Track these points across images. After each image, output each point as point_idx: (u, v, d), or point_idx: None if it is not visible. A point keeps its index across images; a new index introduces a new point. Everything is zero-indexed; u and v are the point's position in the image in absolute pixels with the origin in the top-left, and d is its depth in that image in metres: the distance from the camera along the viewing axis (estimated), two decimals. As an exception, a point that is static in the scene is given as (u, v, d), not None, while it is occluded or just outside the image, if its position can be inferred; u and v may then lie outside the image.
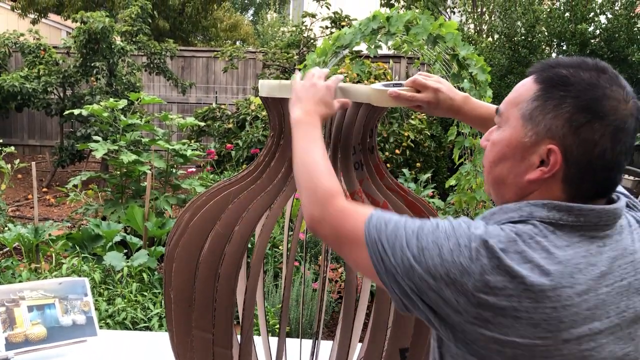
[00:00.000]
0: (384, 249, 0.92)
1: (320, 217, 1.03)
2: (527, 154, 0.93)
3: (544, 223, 0.89)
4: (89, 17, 6.95)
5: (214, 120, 6.99)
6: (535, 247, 0.87)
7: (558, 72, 0.92)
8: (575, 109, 0.89)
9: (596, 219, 0.90)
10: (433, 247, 0.89)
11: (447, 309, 0.87)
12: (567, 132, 0.89)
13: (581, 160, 0.89)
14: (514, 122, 0.95)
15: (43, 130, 9.97)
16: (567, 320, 0.85)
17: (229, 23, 14.50)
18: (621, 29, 6.94)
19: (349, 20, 7.61)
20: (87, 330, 1.99)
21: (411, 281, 0.89)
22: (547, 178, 0.91)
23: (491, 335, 0.85)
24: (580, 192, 0.91)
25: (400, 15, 3.89)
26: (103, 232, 3.96)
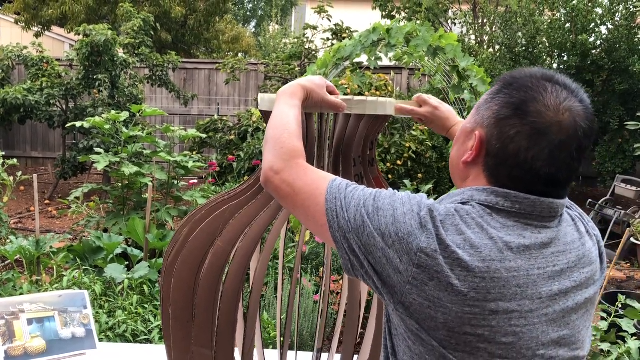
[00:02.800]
0: (341, 206, 0.99)
1: (280, 168, 1.08)
2: (467, 139, 1.04)
3: (482, 205, 0.97)
4: (92, 30, 6.99)
5: (215, 132, 7.00)
6: (470, 223, 0.94)
7: (512, 74, 1.02)
8: (503, 104, 0.98)
9: (530, 208, 0.96)
10: (388, 208, 0.96)
11: (389, 269, 0.94)
12: (491, 123, 0.98)
13: (498, 152, 0.97)
14: (472, 112, 1.07)
15: (46, 142, 10.01)
16: (494, 292, 0.91)
17: (231, 35, 14.56)
18: (622, 40, 6.95)
19: (350, 32, 7.64)
20: (86, 343, 1.98)
21: (360, 239, 0.96)
22: (473, 162, 1.01)
23: (425, 298, 0.91)
24: (498, 184, 0.98)
25: (401, 27, 3.91)
26: (104, 244, 3.96)
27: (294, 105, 1.21)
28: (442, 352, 0.93)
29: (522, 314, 0.93)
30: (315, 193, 1.03)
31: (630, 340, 2.72)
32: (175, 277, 1.32)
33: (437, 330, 0.92)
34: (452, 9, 9.28)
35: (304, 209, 1.05)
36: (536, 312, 0.94)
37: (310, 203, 1.03)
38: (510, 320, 0.92)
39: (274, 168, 1.08)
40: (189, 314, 1.30)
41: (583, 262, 1.01)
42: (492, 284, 0.91)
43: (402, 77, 9.24)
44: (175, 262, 1.33)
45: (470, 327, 0.91)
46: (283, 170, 1.08)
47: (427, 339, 0.93)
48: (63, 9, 11.49)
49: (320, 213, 1.01)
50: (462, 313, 0.91)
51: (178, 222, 5.50)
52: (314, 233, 1.06)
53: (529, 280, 0.94)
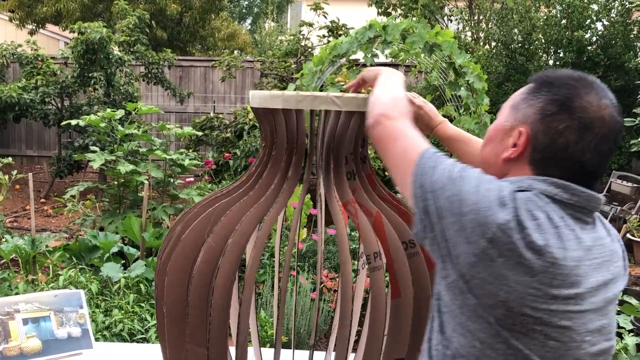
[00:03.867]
0: (431, 166, 1.03)
1: (394, 117, 1.15)
2: (505, 136, 1.07)
3: (541, 195, 1.00)
4: (87, 27, 6.95)
5: (211, 130, 6.98)
6: (540, 210, 0.97)
7: (549, 75, 1.07)
8: (548, 101, 1.02)
9: (585, 202, 1.01)
10: (473, 179, 0.99)
11: (460, 237, 0.96)
12: (536, 119, 1.02)
13: (546, 147, 1.01)
14: (504, 111, 1.10)
15: (41, 140, 9.97)
16: (559, 278, 0.95)
17: (227, 32, 14.50)
18: (617, 36, 6.96)
19: (346, 29, 7.62)
20: (82, 342, 1.97)
21: (437, 200, 0.99)
22: (517, 159, 1.05)
23: (490, 274, 0.94)
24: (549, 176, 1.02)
25: (397, 24, 3.90)
26: (100, 243, 3.95)
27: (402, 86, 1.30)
28: (498, 329, 0.95)
29: (577, 302, 0.97)
30: (416, 144, 1.08)
31: (627, 336, 2.73)
32: (168, 275, 1.31)
33: (495, 307, 0.95)
34: (448, 5, 9.27)
35: (400, 152, 1.09)
36: (587, 301, 0.98)
37: (407, 149, 1.08)
38: (567, 306, 0.96)
39: (388, 114, 1.15)
40: (183, 312, 1.29)
41: (615, 257, 1.06)
42: (558, 271, 0.95)
43: (398, 74, 9.21)
44: (168, 261, 1.32)
45: (530, 309, 0.94)
46: (395, 119, 1.14)
47: (485, 316, 0.96)
48: (57, 6, 11.43)
49: (412, 163, 1.05)
50: (525, 294, 0.94)
51: (174, 220, 5.48)
52: (398, 180, 1.10)
53: (585, 270, 0.98)
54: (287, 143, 1.35)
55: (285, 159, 1.36)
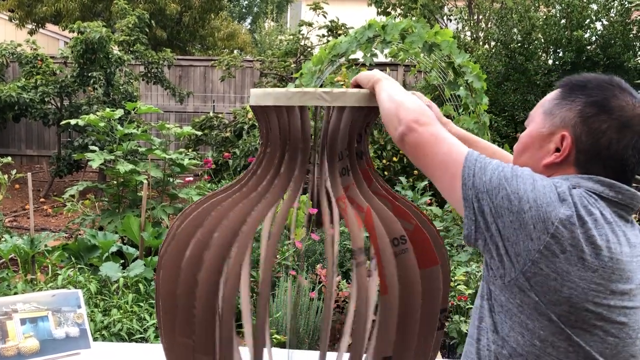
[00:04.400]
0: (480, 167, 1.03)
1: (426, 122, 1.12)
2: (544, 142, 1.09)
3: (589, 192, 1.02)
4: (86, 27, 6.96)
5: (211, 129, 6.99)
6: (595, 206, 1.00)
7: (578, 79, 1.10)
8: (587, 104, 1.05)
9: (629, 200, 1.04)
10: (527, 177, 1.00)
11: (520, 234, 0.97)
12: (577, 122, 1.05)
13: (590, 147, 1.04)
14: (537, 118, 1.12)
15: (40, 140, 9.97)
16: (617, 273, 0.98)
17: (227, 32, 14.50)
18: (617, 36, 6.96)
19: (345, 29, 7.62)
20: (80, 342, 1.97)
21: (493, 200, 0.99)
22: (561, 162, 1.07)
23: (553, 270, 0.95)
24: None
25: (396, 23, 3.90)
26: (99, 242, 3.95)
27: None
28: (560, 327, 0.97)
29: (630, 297, 0.99)
30: (457, 148, 1.08)
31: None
32: (162, 270, 1.33)
33: (558, 304, 0.96)
34: (447, 5, 9.27)
35: (443, 157, 1.08)
36: (638, 297, 1.01)
37: (450, 153, 1.07)
38: (623, 301, 0.98)
39: (420, 121, 1.12)
40: (174, 306, 1.30)
41: None
42: (616, 265, 0.97)
43: (397, 74, 9.23)
44: (164, 256, 1.34)
45: (592, 304, 0.96)
46: (429, 124, 1.12)
47: (546, 313, 0.97)
48: (57, 6, 11.43)
49: (458, 166, 1.05)
50: (588, 289, 0.96)
51: (173, 220, 5.48)
52: (442, 186, 1.09)
53: (635, 266, 1.01)
54: (279, 140, 1.36)
55: (279, 155, 1.36)
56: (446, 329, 3.29)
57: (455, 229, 4.64)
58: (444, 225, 4.82)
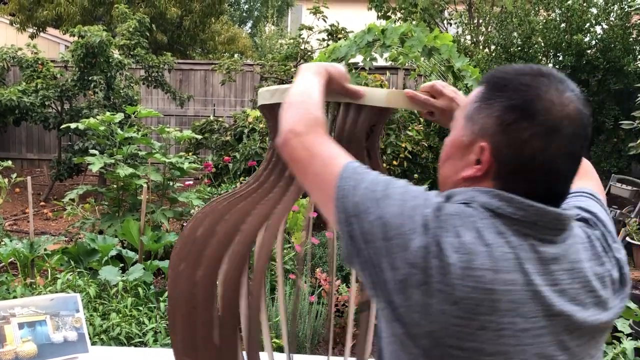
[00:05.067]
0: (352, 186, 0.93)
1: (302, 131, 1.03)
2: (465, 152, 0.96)
3: (483, 208, 0.90)
4: (87, 31, 6.97)
5: (211, 133, 6.99)
6: (469, 227, 0.87)
7: (500, 75, 0.95)
8: (506, 109, 0.91)
9: (534, 217, 0.89)
10: (397, 198, 0.90)
11: (385, 263, 0.87)
12: (497, 131, 0.91)
13: (511, 160, 0.90)
14: (459, 123, 0.99)
15: (41, 143, 9.98)
16: (485, 305, 0.83)
17: (227, 36, 14.54)
18: (616, 40, 6.96)
19: (345, 33, 7.64)
20: (78, 347, 1.97)
21: (362, 224, 0.90)
22: (481, 176, 0.93)
23: (414, 302, 0.85)
24: (515, 191, 0.91)
25: (395, 27, 3.90)
26: (99, 246, 3.95)
27: (318, 82, 1.17)
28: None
29: (513, 333, 0.85)
30: (331, 163, 0.98)
31: (625, 340, 2.72)
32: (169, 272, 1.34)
33: (421, 337, 0.86)
34: (447, 9, 9.29)
35: (316, 176, 1.00)
36: (529, 332, 0.86)
37: (324, 171, 0.98)
38: (500, 338, 0.85)
39: (295, 130, 1.04)
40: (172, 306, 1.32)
41: (592, 285, 0.93)
42: (483, 296, 0.84)
43: (397, 78, 9.23)
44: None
45: (456, 340, 0.84)
46: (304, 134, 1.03)
47: (411, 345, 0.87)
48: (58, 10, 11.46)
49: (331, 186, 0.95)
50: (449, 324, 0.84)
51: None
52: (319, 206, 1.01)
53: (525, 296, 0.86)
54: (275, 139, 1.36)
55: (277, 155, 1.36)
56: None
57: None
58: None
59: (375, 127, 1.41)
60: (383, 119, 1.42)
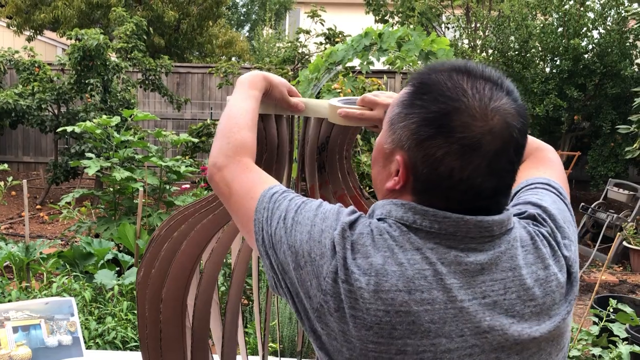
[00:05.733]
0: (267, 217, 0.90)
1: (222, 164, 1.01)
2: (387, 161, 0.90)
3: (398, 223, 0.84)
4: (84, 34, 6.97)
5: (208, 137, 6.97)
6: (381, 246, 0.82)
7: (425, 77, 0.86)
8: (422, 122, 0.83)
9: (452, 228, 0.82)
10: (306, 223, 0.86)
11: (302, 292, 0.85)
12: (412, 145, 0.84)
13: (427, 176, 0.83)
14: (384, 126, 0.92)
15: (37, 147, 9.96)
16: (401, 328, 0.79)
17: (225, 39, 14.53)
18: (613, 44, 6.99)
19: (343, 37, 7.64)
20: (73, 351, 1.96)
21: (277, 255, 0.88)
22: (400, 189, 0.87)
23: (332, 329, 0.82)
24: (434, 207, 0.84)
25: (392, 31, 3.91)
26: (94, 250, 3.93)
27: (251, 96, 1.14)
28: None
29: (436, 355, 0.79)
30: (247, 197, 0.95)
31: (621, 344, 2.72)
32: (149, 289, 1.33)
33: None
34: (445, 13, 9.31)
35: (236, 213, 0.98)
36: (456, 353, 0.80)
37: (241, 208, 0.96)
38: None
39: (217, 164, 1.02)
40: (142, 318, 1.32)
41: (531, 293, 0.85)
42: (397, 319, 0.78)
43: (395, 81, 9.25)
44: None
45: None
46: (224, 167, 1.00)
47: None
48: (55, 13, 11.45)
49: (249, 221, 0.93)
50: (366, 350, 0.79)
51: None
52: (246, 240, 0.99)
53: (447, 314, 0.79)
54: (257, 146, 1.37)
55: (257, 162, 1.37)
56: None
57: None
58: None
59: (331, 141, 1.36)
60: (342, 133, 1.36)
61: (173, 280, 1.25)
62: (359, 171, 5.93)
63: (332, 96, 5.78)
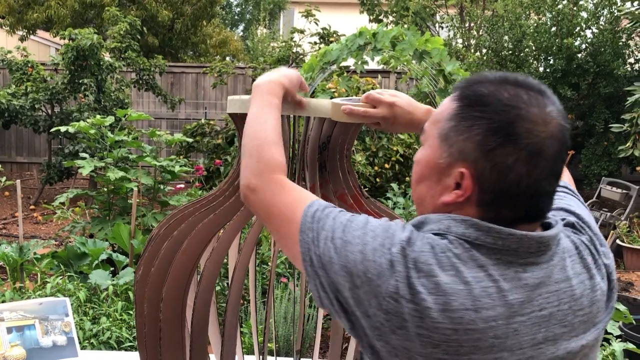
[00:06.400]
0: (312, 238, 0.89)
1: (255, 186, 0.99)
2: (442, 176, 0.89)
3: (460, 240, 0.85)
4: (77, 34, 6.94)
5: (203, 136, 6.97)
6: (445, 264, 0.82)
7: (477, 90, 0.88)
8: (487, 132, 0.84)
9: (515, 245, 0.85)
10: (357, 243, 0.86)
11: (358, 311, 0.84)
12: (478, 156, 0.84)
13: (495, 186, 0.84)
14: (432, 141, 0.92)
15: (31, 147, 9.92)
16: (467, 345, 0.80)
17: (219, 39, 14.50)
18: (606, 44, 7.02)
19: (337, 36, 7.65)
20: (67, 351, 1.95)
21: (329, 276, 0.87)
22: (462, 202, 0.87)
23: (394, 347, 0.82)
24: (499, 217, 0.86)
25: (386, 31, 3.91)
26: (89, 250, 3.92)
27: (272, 105, 1.10)
28: None
29: None
30: (288, 218, 0.94)
31: (614, 342, 2.73)
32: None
33: None
34: (439, 12, 9.33)
35: (277, 234, 0.97)
36: None
37: (283, 230, 0.95)
38: None
39: (250, 186, 1.00)
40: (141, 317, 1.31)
41: (580, 303, 0.89)
42: (465, 337, 0.80)
43: (389, 81, 9.26)
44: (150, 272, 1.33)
45: None
46: (257, 188, 0.99)
47: None
48: (48, 12, 11.40)
49: (294, 242, 0.92)
50: None
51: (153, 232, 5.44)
52: (290, 259, 0.97)
53: (509, 329, 0.82)
54: None
55: None
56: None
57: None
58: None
59: (332, 140, 1.37)
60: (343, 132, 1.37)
61: (173, 279, 1.25)
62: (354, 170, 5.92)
63: (327, 96, 5.78)
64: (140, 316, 1.30)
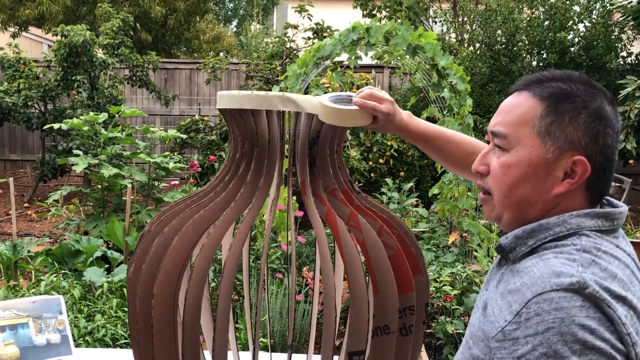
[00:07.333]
0: None
1: None
2: (551, 169, 0.94)
3: (592, 231, 0.92)
4: (70, 30, 6.90)
5: (197, 132, 6.96)
6: (605, 258, 0.89)
7: (558, 86, 0.96)
8: (589, 117, 0.93)
9: (620, 221, 0.96)
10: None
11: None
12: (589, 141, 0.92)
13: (601, 165, 0.94)
14: (529, 141, 0.95)
15: (24, 144, 9.87)
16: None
17: (212, 35, 14.46)
18: (599, 37, 7.04)
19: (330, 31, 7.64)
20: (61, 349, 1.95)
21: None
22: (574, 189, 0.94)
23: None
24: (597, 195, 0.96)
25: (380, 26, 3.91)
26: (83, 247, 3.91)
27: None
28: None
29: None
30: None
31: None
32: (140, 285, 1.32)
33: None
34: (432, 7, 9.32)
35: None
36: None
37: None
38: None
39: None
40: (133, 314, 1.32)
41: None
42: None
43: (383, 76, 9.25)
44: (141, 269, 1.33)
45: None
46: None
47: None
48: (40, 9, 11.33)
49: None
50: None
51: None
52: None
53: None
54: (247, 145, 1.36)
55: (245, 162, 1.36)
56: (432, 329, 3.29)
57: (441, 229, 4.66)
58: (429, 227, 4.83)
59: (321, 136, 1.37)
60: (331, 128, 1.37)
61: (165, 275, 1.25)
62: (348, 165, 5.93)
63: (320, 91, 5.77)
64: (133, 313, 1.30)
